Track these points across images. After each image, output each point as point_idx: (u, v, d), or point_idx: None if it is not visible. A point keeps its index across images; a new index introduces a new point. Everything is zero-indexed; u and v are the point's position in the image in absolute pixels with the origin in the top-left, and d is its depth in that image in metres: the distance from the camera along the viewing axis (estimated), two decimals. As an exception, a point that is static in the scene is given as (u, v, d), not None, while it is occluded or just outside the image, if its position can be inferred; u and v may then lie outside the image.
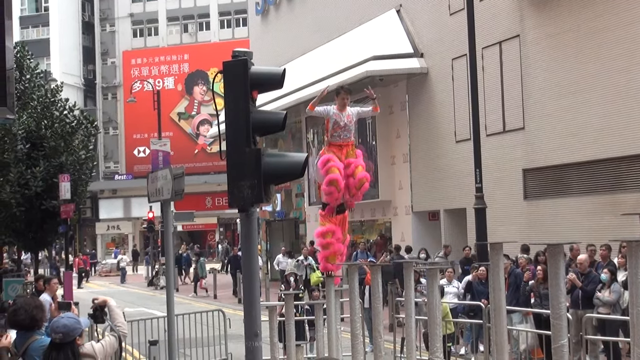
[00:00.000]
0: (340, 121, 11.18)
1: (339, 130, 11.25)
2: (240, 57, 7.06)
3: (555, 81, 22.70)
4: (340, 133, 11.24)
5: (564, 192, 22.65)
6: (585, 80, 21.58)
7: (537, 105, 23.38)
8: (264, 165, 6.92)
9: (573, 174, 22.41)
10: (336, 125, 11.21)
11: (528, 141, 23.82)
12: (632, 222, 15.08)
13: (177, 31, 75.40)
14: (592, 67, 21.32)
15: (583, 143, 21.65)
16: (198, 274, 38.65)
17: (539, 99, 23.35)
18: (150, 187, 11.17)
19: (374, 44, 29.82)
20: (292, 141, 39.97)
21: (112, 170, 74.98)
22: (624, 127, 20.36)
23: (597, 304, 15.09)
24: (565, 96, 22.26)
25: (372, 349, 12.14)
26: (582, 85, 21.68)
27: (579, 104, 21.75)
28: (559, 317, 6.78)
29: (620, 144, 20.50)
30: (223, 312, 17.61)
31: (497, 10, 25.00)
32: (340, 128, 11.21)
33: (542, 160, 23.30)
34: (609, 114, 20.82)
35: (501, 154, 24.58)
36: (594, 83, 21.26)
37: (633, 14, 20.10)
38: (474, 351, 17.00)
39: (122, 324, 7.19)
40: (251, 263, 7.23)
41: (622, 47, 20.35)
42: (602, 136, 21.03)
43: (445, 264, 22.38)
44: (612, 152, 20.84)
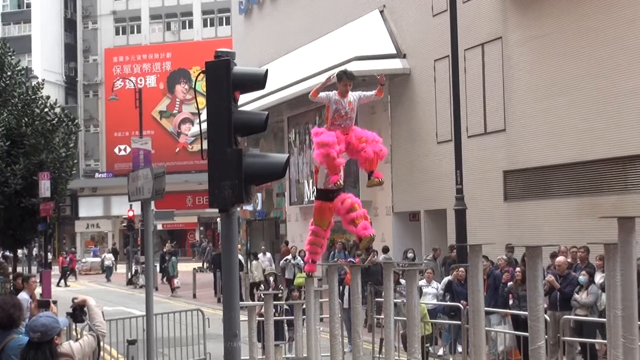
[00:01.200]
0: (342, 109, 10.75)
1: (339, 119, 10.80)
2: (223, 57, 7.09)
3: (537, 83, 22.81)
4: (341, 122, 10.80)
5: (544, 194, 22.77)
6: (567, 82, 21.70)
7: (519, 107, 23.49)
8: (245, 166, 6.94)
9: (553, 176, 22.53)
10: (337, 113, 10.77)
11: (509, 143, 23.93)
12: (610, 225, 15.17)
13: (160, 29, 75.17)
14: (574, 69, 21.43)
15: (564, 145, 21.76)
16: (169, 272, 38.29)
17: (520, 101, 23.46)
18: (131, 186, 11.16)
19: (357, 45, 29.86)
20: (274, 141, 39.96)
21: (92, 168, 74.68)
22: (605, 130, 20.48)
23: (575, 306, 15.19)
24: (546, 98, 22.37)
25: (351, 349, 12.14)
26: (563, 88, 21.80)
27: (560, 107, 21.87)
28: (537, 318, 6.82)
29: (600, 146, 20.63)
30: (202, 311, 17.59)
31: (479, 12, 25.09)
32: (341, 117, 10.78)
33: (523, 162, 23.41)
34: (590, 117, 20.95)
35: (482, 155, 24.67)
36: (576, 85, 21.38)
37: (615, 16, 20.22)
38: (452, 352, 17.06)
39: (101, 323, 7.16)
40: (231, 263, 7.24)
41: (605, 49, 20.47)
42: (583, 139, 21.16)
43: (435, 267, 22.46)
44: (592, 155, 20.96)
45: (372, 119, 30.81)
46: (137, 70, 72.31)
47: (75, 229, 72.77)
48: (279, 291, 20.29)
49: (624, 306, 6.42)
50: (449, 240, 24.65)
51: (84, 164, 74.15)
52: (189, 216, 68.44)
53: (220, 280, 18.42)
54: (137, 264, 42.52)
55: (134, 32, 75.53)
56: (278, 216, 40.90)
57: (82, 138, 69.68)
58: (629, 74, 19.81)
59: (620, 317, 6.51)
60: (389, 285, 10.24)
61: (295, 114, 37.02)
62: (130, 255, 46.15)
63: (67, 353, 6.82)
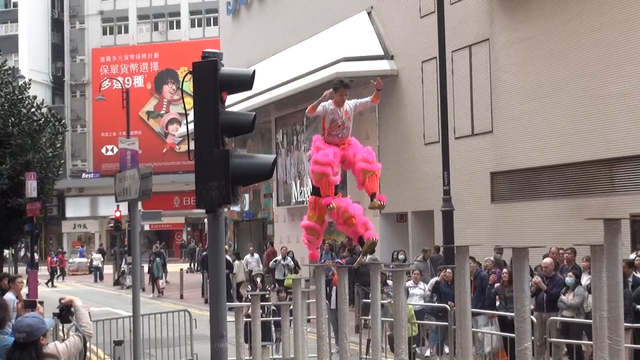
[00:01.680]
0: (338, 119, 10.61)
1: (336, 129, 10.67)
2: (210, 58, 7.08)
3: (524, 85, 22.88)
4: (338, 132, 10.68)
5: (531, 196, 22.83)
6: (553, 84, 21.76)
7: (506, 109, 23.55)
8: (233, 166, 6.94)
9: (540, 178, 22.59)
10: (334, 124, 10.62)
11: (496, 144, 23.98)
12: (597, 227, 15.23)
13: (148, 29, 75.07)
14: (562, 71, 21.50)
15: (550, 147, 21.83)
16: (154, 274, 38.12)
17: (507, 103, 23.51)
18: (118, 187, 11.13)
19: (344, 46, 29.88)
20: (261, 141, 39.95)
21: (79, 169, 74.49)
22: (591, 132, 20.55)
23: (561, 307, 15.24)
24: (534, 100, 22.43)
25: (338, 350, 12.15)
26: (550, 90, 21.86)
27: (547, 109, 21.93)
28: (523, 320, 6.84)
29: (587, 148, 20.69)
30: (189, 312, 17.56)
31: (467, 14, 25.14)
32: (338, 127, 10.65)
33: (510, 164, 23.47)
34: (576, 119, 21.01)
35: (469, 157, 24.72)
36: (563, 87, 21.44)
37: (603, 19, 20.29)
38: (439, 353, 17.08)
39: (88, 324, 7.15)
40: (218, 264, 7.23)
41: (592, 52, 20.54)
42: (570, 140, 21.22)
43: (425, 268, 22.48)
44: (579, 157, 21.03)
45: (360, 120, 30.79)
46: (125, 71, 72.19)
47: (62, 229, 72.57)
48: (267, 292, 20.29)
49: (609, 307, 6.45)
50: (437, 242, 24.68)
51: (71, 164, 73.95)
52: (176, 217, 68.36)
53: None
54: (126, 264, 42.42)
55: (122, 32, 75.40)
56: (265, 217, 40.88)
57: (69, 138, 69.56)
58: (616, 76, 19.88)
59: (606, 319, 6.54)
60: (376, 286, 10.25)
61: (283, 115, 37.02)
62: (117, 256, 46.04)
63: (53, 354, 6.80)
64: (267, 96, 33.84)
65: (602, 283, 6.64)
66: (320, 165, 10.40)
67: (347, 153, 10.70)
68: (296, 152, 36.13)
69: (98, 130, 72.23)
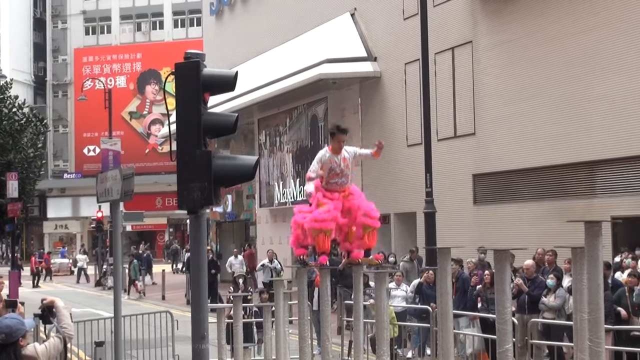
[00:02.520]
0: (337, 167, 10.19)
1: (335, 177, 10.26)
2: (193, 58, 7.06)
3: (507, 87, 22.95)
4: (337, 179, 10.27)
5: (512, 198, 22.91)
6: (535, 87, 21.84)
7: (488, 111, 23.62)
8: (215, 168, 6.92)
9: (522, 180, 22.67)
10: (332, 172, 10.21)
11: (478, 147, 24.05)
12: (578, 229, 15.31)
13: (130, 30, 74.85)
14: (544, 74, 21.58)
15: (532, 149, 21.90)
16: (131, 276, 37.96)
17: (490, 105, 23.58)
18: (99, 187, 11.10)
19: (328, 47, 29.89)
20: (244, 142, 39.90)
21: (61, 169, 74.19)
22: (573, 134, 20.64)
23: (543, 309, 15.28)
24: (516, 103, 22.51)
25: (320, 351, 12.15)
26: (532, 92, 21.94)
27: (529, 111, 22.01)
28: (504, 321, 6.87)
29: (569, 151, 20.78)
30: (171, 313, 17.51)
31: (450, 17, 25.20)
32: (337, 175, 10.24)
33: (492, 166, 23.53)
34: (558, 121, 21.09)
35: (452, 159, 24.77)
36: (545, 90, 21.52)
37: (586, 22, 20.38)
38: (421, 354, 17.10)
39: (68, 325, 7.11)
40: (200, 265, 7.22)
41: (575, 55, 20.63)
42: (552, 143, 21.30)
43: (412, 268, 22.49)
44: (561, 159, 21.11)
45: (343, 122, 30.82)
46: (107, 71, 71.97)
47: (43, 229, 72.23)
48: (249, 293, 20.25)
49: (590, 309, 6.47)
50: (419, 243, 24.72)
51: (53, 165, 73.65)
52: (159, 217, 68.17)
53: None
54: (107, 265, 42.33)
55: (104, 32, 75.15)
56: (248, 218, 40.83)
57: (50, 138, 69.27)
58: (597, 79, 19.98)
59: (586, 320, 6.57)
60: (359, 287, 10.27)
61: (266, 116, 37.00)
62: (99, 257, 45.87)
63: (32, 355, 6.76)
64: (250, 97, 33.81)
65: (583, 285, 6.66)
66: (319, 222, 10.05)
67: (351, 204, 10.34)
68: (279, 153, 36.12)
69: (80, 131, 71.95)
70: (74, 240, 72.17)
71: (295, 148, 34.43)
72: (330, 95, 31.11)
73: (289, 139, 35.05)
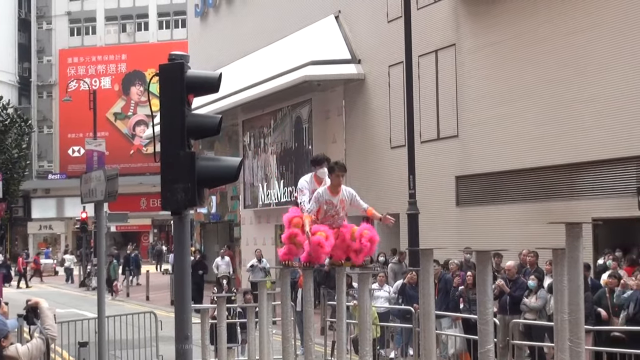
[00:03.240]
0: (332, 209, 10.08)
1: (329, 219, 10.15)
2: (177, 60, 7.05)
3: (489, 90, 23.02)
4: (332, 222, 10.15)
5: (495, 200, 22.97)
6: (519, 90, 21.91)
7: (471, 114, 23.68)
8: (198, 169, 6.91)
9: (504, 182, 22.73)
10: (328, 213, 10.10)
11: (461, 149, 24.10)
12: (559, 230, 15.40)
13: (115, 31, 74.60)
14: (527, 77, 21.65)
15: (515, 152, 21.97)
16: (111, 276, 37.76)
17: (473, 108, 23.64)
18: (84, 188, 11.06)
19: (312, 49, 29.90)
20: (228, 144, 39.84)
21: (45, 170, 73.86)
22: (555, 137, 20.72)
23: (524, 310, 15.35)
24: (498, 105, 22.57)
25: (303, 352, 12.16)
26: (515, 95, 22.01)
27: (511, 114, 22.07)
28: (486, 322, 6.88)
29: (550, 153, 20.85)
30: (155, 314, 17.47)
31: (433, 19, 25.25)
32: (332, 217, 10.14)
33: (475, 168, 23.59)
34: (541, 124, 21.17)
35: (435, 161, 24.82)
36: (527, 93, 21.59)
37: (569, 25, 20.45)
38: (404, 355, 17.13)
39: (52, 326, 7.09)
40: (183, 266, 7.21)
41: (555, 58, 20.70)
42: (534, 146, 21.37)
43: (400, 269, 22.51)
44: (542, 162, 21.18)
45: (327, 124, 30.87)
46: (92, 72, 71.70)
47: (27, 230, 71.91)
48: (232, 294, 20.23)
49: (570, 310, 6.49)
50: (402, 244, 24.76)
51: (37, 165, 73.31)
52: (143, 218, 67.94)
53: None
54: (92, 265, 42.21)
55: (89, 33, 74.87)
56: (232, 219, 40.77)
57: (35, 139, 68.97)
58: (579, 82, 20.06)
59: (567, 321, 6.59)
60: (342, 288, 10.27)
61: (250, 118, 36.96)
62: (83, 257, 45.71)
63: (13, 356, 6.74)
64: (235, 99, 33.78)
65: (564, 286, 6.69)
66: (315, 245, 9.87)
67: (344, 235, 10.18)
68: (263, 154, 36.08)
69: (65, 132, 71.67)
70: (58, 240, 71.87)
71: (280, 149, 34.42)
72: (315, 97, 31.11)
73: (273, 141, 35.03)
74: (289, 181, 33.18)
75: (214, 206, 42.00)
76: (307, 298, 10.52)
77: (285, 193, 33.40)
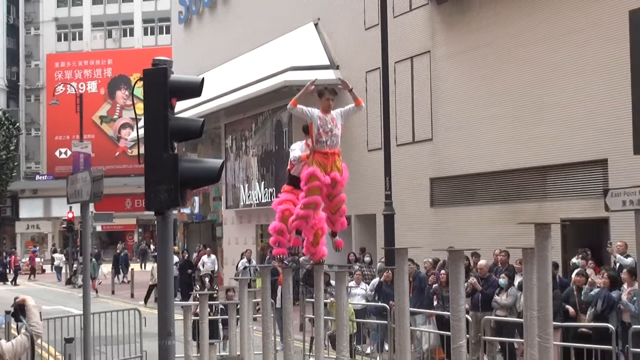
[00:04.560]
0: (326, 125, 10.01)
1: (324, 136, 10.01)
2: (161, 65, 7.02)
3: (463, 95, 23.09)
4: (327, 139, 10.02)
5: (468, 201, 23.04)
6: (491, 95, 22.00)
7: (445, 118, 23.75)
8: (181, 170, 6.89)
9: (477, 184, 22.82)
10: (322, 129, 9.99)
11: (436, 152, 24.17)
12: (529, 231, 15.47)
13: (101, 36, 74.33)
14: (499, 83, 21.74)
15: (487, 155, 22.06)
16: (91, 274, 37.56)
17: (447, 112, 23.71)
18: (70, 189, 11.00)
19: (292, 55, 29.88)
20: (211, 146, 39.76)
21: (33, 171, 73.45)
22: (525, 141, 20.81)
23: (495, 307, 15.39)
24: (471, 110, 22.65)
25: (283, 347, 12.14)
26: (487, 100, 22.10)
27: (484, 118, 22.16)
28: (458, 319, 6.90)
29: (521, 156, 20.95)
30: (139, 310, 17.40)
31: (409, 27, 25.31)
32: (326, 133, 10.00)
33: (448, 170, 23.66)
34: (512, 128, 21.27)
35: (410, 163, 24.87)
36: (500, 98, 21.68)
37: (538, 34, 20.56)
38: (379, 350, 17.15)
39: (37, 323, 7.03)
40: (166, 264, 7.18)
41: (528, 64, 20.81)
42: (506, 149, 21.47)
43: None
44: (513, 164, 21.28)
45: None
46: (79, 76, 71.39)
47: (15, 229, 71.47)
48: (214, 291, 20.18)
49: (539, 307, 6.52)
50: (378, 244, 24.78)
51: (25, 166, 72.89)
52: (128, 218, 67.73)
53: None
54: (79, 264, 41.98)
55: (76, 38, 74.56)
56: (215, 219, 40.69)
57: (23, 141, 68.55)
58: (548, 88, 20.17)
59: (536, 318, 6.61)
60: (320, 286, 10.27)
61: (232, 121, 36.89)
62: (70, 256, 45.49)
63: (-2, 351, 6.68)
64: (217, 103, 33.71)
65: (533, 284, 6.71)
66: (306, 207, 9.70)
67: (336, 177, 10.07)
68: (245, 157, 36.03)
69: (52, 134, 71.29)
70: (45, 239, 71.48)
71: (261, 152, 34.39)
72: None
73: (254, 144, 34.99)
74: (269, 182, 33.14)
75: (196, 206, 41.90)
76: (287, 295, 10.51)
77: (266, 194, 33.36)
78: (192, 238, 44.14)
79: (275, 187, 32.77)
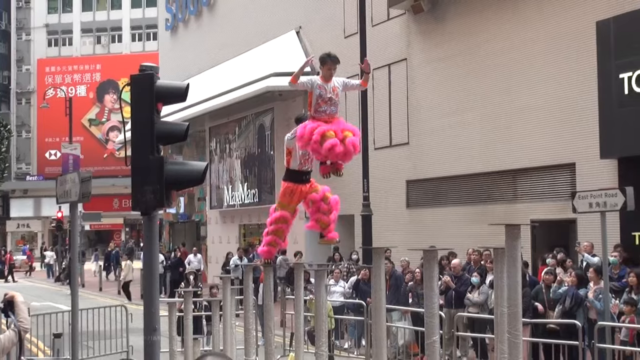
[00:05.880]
0: (325, 94, 9.38)
1: (323, 105, 9.41)
2: (147, 71, 7.01)
3: (438, 101, 23.17)
4: (326, 108, 9.41)
5: (442, 202, 23.11)
6: (464, 101, 22.09)
7: (421, 123, 23.81)
8: (167, 172, 6.87)
9: (451, 186, 22.89)
10: (320, 98, 9.39)
11: (412, 155, 24.22)
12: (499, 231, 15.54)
13: (91, 42, 74.04)
14: (472, 89, 21.83)
15: (461, 158, 22.14)
16: None
17: (423, 117, 23.78)
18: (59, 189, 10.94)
19: (274, 62, 29.86)
20: (196, 149, 39.68)
21: (23, 171, 73.03)
22: (497, 145, 20.91)
23: (468, 304, 15.44)
24: (446, 116, 22.73)
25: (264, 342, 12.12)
26: (461, 106, 22.18)
27: (458, 123, 22.24)
28: (432, 315, 6.91)
29: (493, 160, 21.04)
30: (125, 307, 17.37)
31: (387, 36, 25.36)
32: (325, 102, 9.40)
33: (424, 173, 23.72)
34: (485, 133, 21.36)
35: (387, 166, 24.91)
36: (473, 104, 21.77)
37: (509, 42, 20.67)
38: (357, 345, 17.16)
39: (25, 319, 7.00)
40: (152, 263, 7.16)
41: (499, 71, 20.91)
42: (478, 153, 21.55)
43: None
44: (485, 167, 21.37)
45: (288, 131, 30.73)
46: (68, 80, 71.06)
47: (6, 228, 71.06)
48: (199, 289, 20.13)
49: (509, 304, 6.55)
50: (357, 244, 24.80)
51: (16, 167, 72.44)
52: (116, 218, 67.46)
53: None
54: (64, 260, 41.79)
55: (66, 44, 74.21)
56: (199, 219, 40.61)
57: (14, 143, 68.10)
58: (518, 94, 20.27)
59: (506, 314, 6.64)
60: (300, 284, 10.27)
61: (216, 125, 36.83)
62: (59, 254, 45.25)
63: (-13, 346, 6.64)
64: (202, 107, 33.63)
65: (503, 282, 6.74)
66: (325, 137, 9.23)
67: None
68: (228, 159, 35.97)
69: (42, 136, 70.93)
70: (35, 238, 71.07)
71: (244, 155, 34.34)
72: (277, 106, 31.05)
73: (237, 146, 34.94)
74: (252, 184, 33.10)
75: (182, 207, 41.80)
76: (268, 293, 10.51)
77: (248, 195, 33.32)
78: (177, 237, 44.01)
79: (257, 189, 32.75)
